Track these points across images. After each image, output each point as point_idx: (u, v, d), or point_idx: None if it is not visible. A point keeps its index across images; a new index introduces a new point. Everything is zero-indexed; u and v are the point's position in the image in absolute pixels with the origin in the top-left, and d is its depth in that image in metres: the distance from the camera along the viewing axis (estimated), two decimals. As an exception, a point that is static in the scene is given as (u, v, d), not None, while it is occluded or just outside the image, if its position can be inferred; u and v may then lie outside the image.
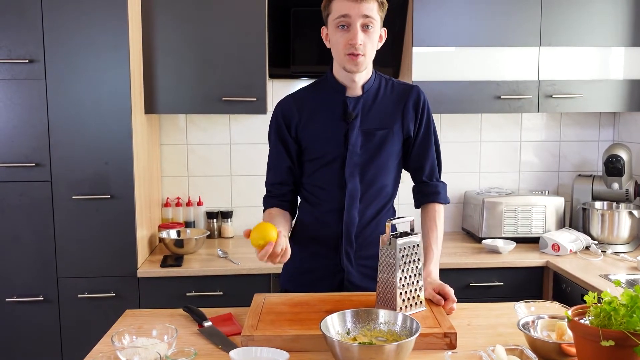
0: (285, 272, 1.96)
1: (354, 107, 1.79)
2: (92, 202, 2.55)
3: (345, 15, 1.66)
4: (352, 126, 1.79)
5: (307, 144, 1.83)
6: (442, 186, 1.91)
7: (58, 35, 2.46)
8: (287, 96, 1.88)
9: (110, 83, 2.51)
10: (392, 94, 1.84)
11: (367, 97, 1.81)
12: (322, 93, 1.83)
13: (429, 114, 1.87)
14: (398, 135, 1.82)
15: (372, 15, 1.67)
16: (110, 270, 2.59)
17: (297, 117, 1.83)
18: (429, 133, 1.88)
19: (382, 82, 1.85)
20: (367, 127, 1.79)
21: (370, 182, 1.82)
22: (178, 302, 2.57)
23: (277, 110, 1.86)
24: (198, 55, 2.77)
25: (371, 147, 1.80)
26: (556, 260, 2.71)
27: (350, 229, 1.82)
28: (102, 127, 2.53)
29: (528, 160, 3.36)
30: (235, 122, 3.20)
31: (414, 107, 1.83)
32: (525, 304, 1.66)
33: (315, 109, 1.83)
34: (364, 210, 1.83)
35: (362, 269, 1.86)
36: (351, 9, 1.65)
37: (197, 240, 2.83)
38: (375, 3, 1.67)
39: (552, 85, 2.93)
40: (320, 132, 1.81)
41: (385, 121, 1.81)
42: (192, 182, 3.21)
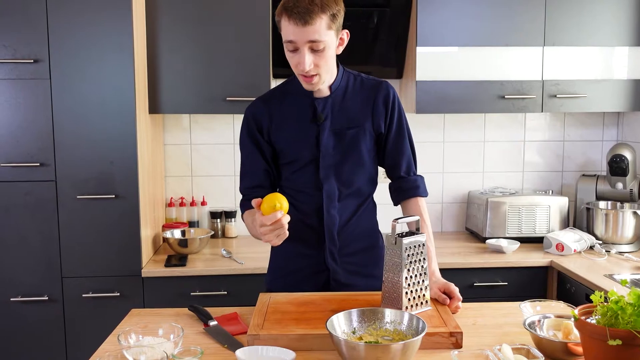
0: (270, 273, 1.97)
1: (322, 108, 1.78)
2: (97, 201, 2.55)
3: (291, 41, 1.62)
4: (322, 127, 1.78)
5: (280, 148, 1.82)
6: (421, 179, 1.89)
7: (63, 35, 2.47)
8: (256, 99, 1.87)
9: (114, 83, 2.51)
10: (361, 90, 1.82)
11: (335, 97, 1.79)
12: (291, 96, 1.82)
13: (400, 109, 1.85)
14: (370, 132, 1.81)
15: (320, 38, 1.60)
16: (114, 269, 2.59)
17: (267, 121, 1.81)
18: (401, 128, 1.85)
19: (350, 79, 1.83)
20: (337, 127, 1.78)
21: (346, 181, 1.81)
22: (182, 302, 2.57)
23: (248, 113, 1.84)
24: (202, 55, 2.77)
25: (343, 146, 1.79)
26: (560, 260, 2.71)
27: (332, 228, 1.82)
28: (106, 126, 2.53)
29: (532, 160, 3.36)
30: (239, 121, 3.18)
31: (383, 103, 1.81)
32: (530, 303, 1.66)
33: (285, 112, 1.82)
34: (344, 208, 1.83)
35: (347, 266, 1.86)
36: (296, 35, 1.60)
37: (201, 240, 2.83)
38: (322, 21, 1.59)
39: (556, 85, 2.93)
40: (292, 135, 1.80)
41: (355, 119, 1.80)
42: (195, 182, 3.22)
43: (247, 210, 1.86)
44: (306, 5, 1.58)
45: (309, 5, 1.58)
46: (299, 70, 1.67)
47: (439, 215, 3.34)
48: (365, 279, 1.87)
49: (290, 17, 1.59)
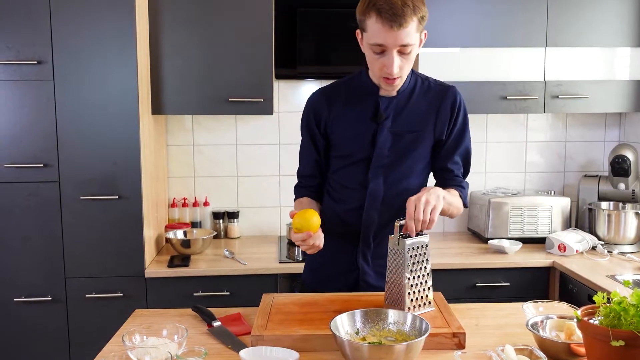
0: (306, 265, 2.00)
1: (386, 108, 1.76)
2: (100, 202, 2.56)
3: (380, 44, 1.59)
4: (381, 127, 1.76)
5: (335, 141, 1.82)
6: (466, 184, 1.88)
7: (66, 37, 2.48)
8: (318, 90, 1.86)
9: (117, 84, 2.52)
10: (428, 95, 1.78)
11: (400, 98, 1.77)
12: (355, 90, 1.80)
13: (464, 116, 1.82)
14: (429, 139, 1.79)
15: (410, 41, 1.57)
16: (117, 270, 2.60)
17: (326, 113, 1.80)
18: (461, 136, 1.83)
19: (418, 82, 1.80)
20: (397, 129, 1.76)
21: (394, 184, 1.79)
22: (185, 302, 2.57)
23: (308, 103, 1.85)
24: (205, 56, 2.78)
25: (399, 149, 1.77)
26: (562, 260, 2.71)
27: (368, 229, 1.82)
28: (109, 127, 2.54)
29: (534, 161, 3.36)
30: (241, 122, 3.21)
31: (448, 109, 1.78)
32: (533, 304, 1.67)
33: (346, 106, 1.80)
34: (385, 211, 1.80)
35: (378, 268, 1.85)
36: (387, 39, 1.57)
37: (203, 241, 2.83)
38: (413, 24, 1.56)
39: (558, 85, 2.93)
40: (349, 130, 1.78)
41: (417, 123, 1.77)
42: (198, 183, 3.23)
43: (297, 199, 1.91)
44: (400, 7, 1.53)
45: (403, 8, 1.53)
46: (384, 73, 1.64)
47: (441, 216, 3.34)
48: None
49: (384, 19, 1.54)
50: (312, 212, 1.66)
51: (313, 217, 1.65)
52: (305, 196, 1.89)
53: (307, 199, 1.88)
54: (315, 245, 1.66)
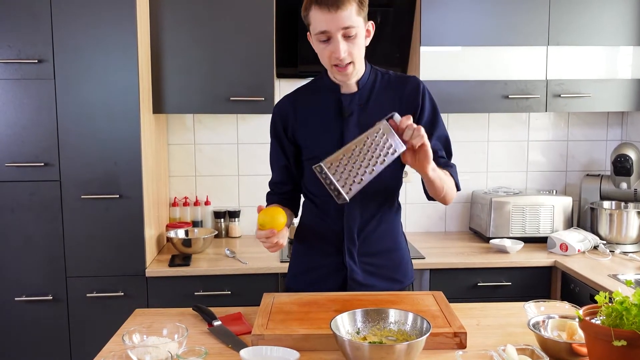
0: (290, 269, 1.97)
1: (349, 104, 1.76)
2: (101, 201, 2.56)
3: (323, 31, 1.62)
4: (347, 124, 1.75)
5: (303, 144, 1.82)
6: (454, 169, 1.83)
7: (67, 35, 2.47)
8: (283, 97, 1.88)
9: (118, 83, 2.52)
10: (389, 87, 1.79)
11: (362, 93, 1.77)
12: (317, 93, 1.82)
13: (432, 103, 1.79)
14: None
15: (352, 24, 1.61)
16: (118, 269, 2.59)
17: (292, 118, 1.81)
18: (434, 122, 1.79)
19: (378, 75, 1.80)
20: (364, 123, 1.73)
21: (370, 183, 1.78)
22: (186, 302, 2.58)
23: (275, 111, 1.87)
24: (206, 55, 2.77)
25: None
26: (564, 260, 2.70)
27: (352, 227, 1.81)
28: (110, 126, 2.53)
29: (535, 160, 3.35)
30: (242, 121, 3.20)
31: (412, 99, 1.77)
32: (535, 303, 1.66)
33: (311, 108, 1.82)
34: (365, 207, 1.80)
35: (366, 266, 1.84)
36: (328, 23, 1.60)
37: (204, 240, 2.83)
38: (352, 7, 1.60)
39: (560, 84, 2.92)
40: (316, 131, 1.79)
41: (382, 115, 1.74)
42: (199, 182, 3.22)
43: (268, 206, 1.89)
44: None
45: None
46: (333, 59, 1.65)
47: (442, 215, 3.34)
48: (384, 282, 1.85)
49: (320, 5, 1.59)
50: (278, 210, 1.67)
51: (279, 214, 1.66)
52: (275, 203, 1.87)
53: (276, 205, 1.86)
54: (278, 244, 1.67)
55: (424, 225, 3.33)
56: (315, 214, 1.87)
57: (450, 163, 1.84)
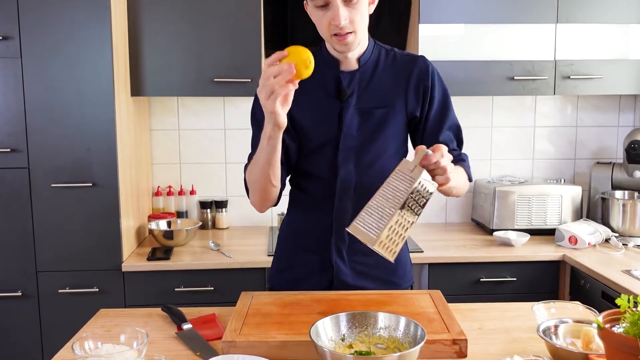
0: (272, 265, 1.77)
1: (348, 83, 1.57)
2: (73, 190, 2.37)
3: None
4: (346, 105, 1.56)
5: (298, 125, 1.61)
6: (466, 156, 1.65)
7: (34, 10, 2.28)
8: None
9: (91, 62, 2.32)
10: (394, 66, 1.59)
11: (364, 71, 1.58)
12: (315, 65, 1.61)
13: (441, 86, 1.62)
14: (401, 114, 1.59)
15: None
16: (92, 263, 2.41)
17: None
18: (444, 108, 1.62)
19: (382, 53, 1.61)
20: (364, 106, 1.57)
21: (366, 167, 1.58)
22: (166, 298, 2.41)
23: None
24: (188, 33, 2.57)
25: (369, 128, 1.57)
26: (573, 254, 2.52)
27: (342, 220, 1.60)
28: (83, 109, 2.34)
29: (542, 147, 3.15)
30: (230, 105, 3.01)
31: (419, 81, 1.58)
32: (544, 304, 1.47)
33: (305, 86, 1.55)
34: (359, 200, 1.56)
35: (356, 266, 1.64)
36: None
37: (187, 232, 2.65)
38: None
39: (569, 65, 2.72)
40: (311, 112, 1.58)
41: (386, 98, 1.58)
42: (184, 170, 3.03)
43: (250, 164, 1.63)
44: None
45: None
46: (333, 27, 1.45)
47: (443, 205, 3.14)
48: (376, 284, 1.65)
49: None
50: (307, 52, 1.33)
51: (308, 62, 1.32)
52: None
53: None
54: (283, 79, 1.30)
55: (423, 216, 3.13)
56: (302, 205, 1.67)
57: (463, 155, 1.65)
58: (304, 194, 1.66)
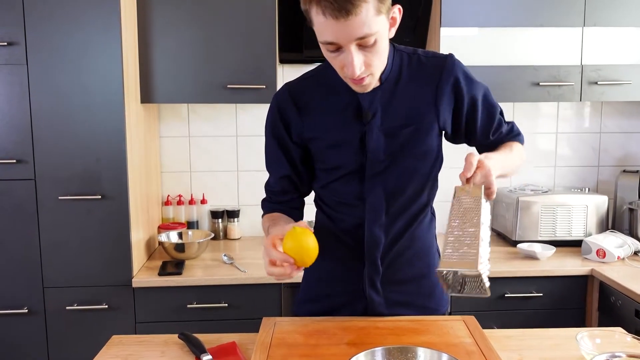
0: (300, 294, 1.64)
1: (370, 104, 1.38)
2: (81, 202, 2.27)
3: (331, 42, 1.21)
4: (369, 127, 1.39)
5: (315, 152, 1.46)
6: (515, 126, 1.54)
7: (41, 14, 2.17)
8: (284, 86, 1.47)
9: (100, 68, 2.22)
10: (420, 72, 1.40)
11: (386, 87, 1.39)
12: (329, 85, 1.41)
13: (475, 85, 1.44)
14: (432, 128, 1.42)
15: (369, 31, 1.18)
16: (102, 279, 2.31)
17: (296, 117, 1.43)
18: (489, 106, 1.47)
19: (404, 59, 1.41)
20: (389, 126, 1.39)
21: (396, 191, 1.43)
22: (178, 315, 2.32)
23: (273, 104, 1.46)
24: (201, 38, 2.47)
25: (396, 149, 1.41)
26: (602, 268, 2.41)
27: (374, 250, 1.47)
28: (91, 118, 2.24)
29: (564, 154, 3.04)
30: (242, 112, 2.90)
31: (449, 86, 1.40)
32: (588, 333, 1.38)
33: (321, 106, 1.42)
34: (391, 225, 1.46)
35: (392, 295, 1.51)
36: (337, 33, 1.18)
37: (200, 244, 2.54)
38: (369, 6, 1.15)
39: (597, 70, 2.61)
40: (329, 137, 1.41)
41: (413, 113, 1.40)
42: (195, 178, 2.93)
43: (266, 215, 1.57)
44: None
45: None
46: (345, 74, 1.28)
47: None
48: (412, 310, 1.52)
49: (324, 9, 1.15)
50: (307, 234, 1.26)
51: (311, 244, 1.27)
52: (277, 211, 1.52)
53: (279, 214, 1.51)
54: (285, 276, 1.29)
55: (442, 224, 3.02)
56: (330, 231, 1.52)
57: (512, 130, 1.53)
58: (329, 220, 1.52)
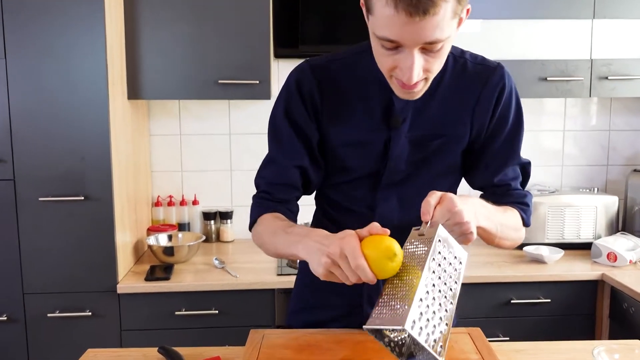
0: (292, 303, 1.51)
1: (403, 108, 1.22)
2: (64, 204, 2.15)
3: (393, 41, 1.01)
4: (396, 133, 1.23)
5: (330, 148, 1.28)
6: (530, 198, 1.36)
7: (20, 5, 2.05)
8: (306, 63, 1.26)
9: (84, 62, 2.10)
10: (462, 79, 1.22)
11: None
12: (359, 76, 1.23)
13: (518, 109, 1.27)
14: (462, 143, 1.27)
15: (441, 36, 0.99)
16: (85, 284, 2.19)
17: (319, 99, 1.24)
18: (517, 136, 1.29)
19: (449, 63, 1.22)
20: (418, 134, 1.23)
21: (411, 206, 1.21)
22: (166, 322, 2.21)
23: (292, 82, 1.25)
24: (192, 31, 2.35)
25: (420, 160, 1.26)
26: (613, 272, 2.29)
27: None
28: (74, 115, 2.12)
29: (571, 152, 2.92)
30: (235, 109, 2.78)
31: (490, 101, 1.23)
32: (605, 348, 1.26)
33: (346, 97, 1.24)
34: (402, 237, 1.33)
35: None
36: (405, 34, 0.99)
37: (190, 248, 2.43)
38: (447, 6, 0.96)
39: (607, 65, 2.49)
40: (350, 135, 1.25)
41: (446, 123, 1.24)
42: (186, 178, 2.81)
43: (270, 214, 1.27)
44: None
45: None
46: (397, 75, 1.08)
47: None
48: None
49: (398, 1, 0.96)
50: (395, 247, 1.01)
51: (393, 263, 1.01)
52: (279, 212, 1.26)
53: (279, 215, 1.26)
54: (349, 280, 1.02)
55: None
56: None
57: (528, 197, 1.34)
58: (331, 224, 1.35)
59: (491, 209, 1.21)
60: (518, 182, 1.34)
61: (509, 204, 1.31)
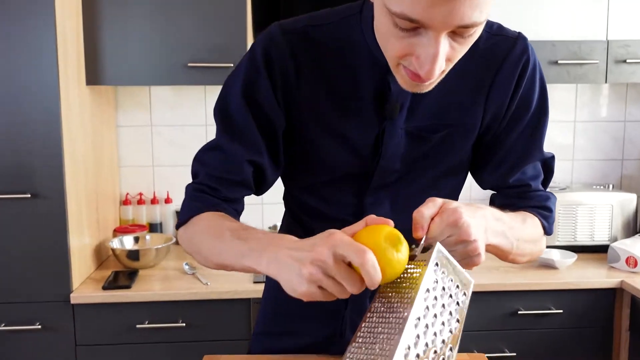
0: (258, 325, 1.22)
1: (399, 94, 0.95)
2: (8, 202, 1.89)
3: (414, 20, 0.74)
4: (392, 125, 0.98)
5: (305, 142, 1.01)
6: (553, 201, 1.08)
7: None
8: (277, 26, 0.96)
9: (30, 45, 1.84)
10: (474, 58, 0.94)
11: None
12: (347, 48, 0.96)
13: (542, 88, 1.01)
14: (472, 134, 1.02)
15: (479, 19, 0.74)
16: (35, 294, 1.93)
17: (293, 75, 0.96)
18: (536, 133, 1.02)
19: None
20: (417, 125, 0.98)
21: (407, 213, 0.85)
22: (126, 336, 1.97)
23: (257, 49, 0.96)
24: (158, 8, 2.09)
25: (418, 157, 1.01)
26: (633, 279, 2.04)
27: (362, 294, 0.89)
28: (19, 103, 1.86)
29: (582, 145, 2.66)
30: (212, 96, 2.52)
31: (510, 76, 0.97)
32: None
33: (329, 75, 0.96)
34: None
35: None
36: (436, 14, 0.72)
37: (157, 251, 2.17)
38: None
39: (625, 46, 2.23)
40: (332, 125, 0.98)
41: (451, 110, 0.98)
42: (158, 174, 2.55)
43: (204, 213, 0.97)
44: None
45: None
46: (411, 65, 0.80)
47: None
48: None
49: None
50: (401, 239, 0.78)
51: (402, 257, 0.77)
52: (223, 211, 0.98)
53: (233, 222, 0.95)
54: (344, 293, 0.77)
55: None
56: None
57: (551, 200, 1.07)
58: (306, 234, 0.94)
59: (507, 222, 0.94)
60: (539, 182, 1.08)
61: (527, 208, 1.04)
